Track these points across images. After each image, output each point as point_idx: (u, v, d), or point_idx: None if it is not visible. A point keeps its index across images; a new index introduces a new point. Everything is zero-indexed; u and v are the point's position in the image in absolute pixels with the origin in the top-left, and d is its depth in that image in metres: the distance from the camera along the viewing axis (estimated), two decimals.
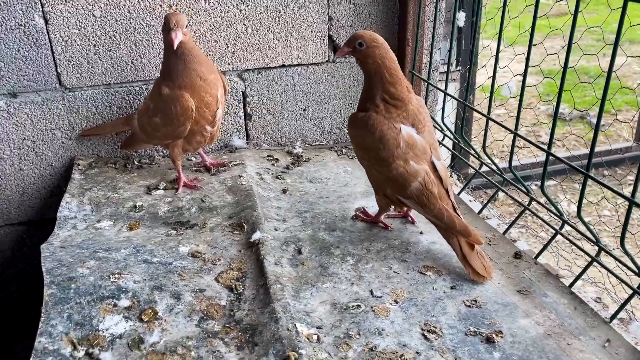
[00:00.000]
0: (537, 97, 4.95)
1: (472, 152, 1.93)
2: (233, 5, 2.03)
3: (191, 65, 1.72)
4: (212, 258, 1.54)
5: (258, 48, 2.13)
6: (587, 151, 1.30)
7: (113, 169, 2.04)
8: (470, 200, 2.10)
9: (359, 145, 1.59)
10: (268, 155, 2.19)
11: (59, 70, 1.94)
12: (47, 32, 1.87)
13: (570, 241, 1.54)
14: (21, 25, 1.83)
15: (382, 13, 2.21)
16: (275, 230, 1.68)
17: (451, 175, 2.44)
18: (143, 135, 1.88)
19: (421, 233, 1.69)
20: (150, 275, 1.43)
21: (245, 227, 1.67)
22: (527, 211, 1.71)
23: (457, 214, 1.50)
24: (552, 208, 1.57)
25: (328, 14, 2.16)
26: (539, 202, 1.63)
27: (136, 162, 2.09)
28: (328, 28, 2.18)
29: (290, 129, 2.31)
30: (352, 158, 2.23)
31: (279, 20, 2.10)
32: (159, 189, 1.90)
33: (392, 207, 1.68)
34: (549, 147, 1.54)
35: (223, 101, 1.86)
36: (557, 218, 1.58)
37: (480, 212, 1.86)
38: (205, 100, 1.77)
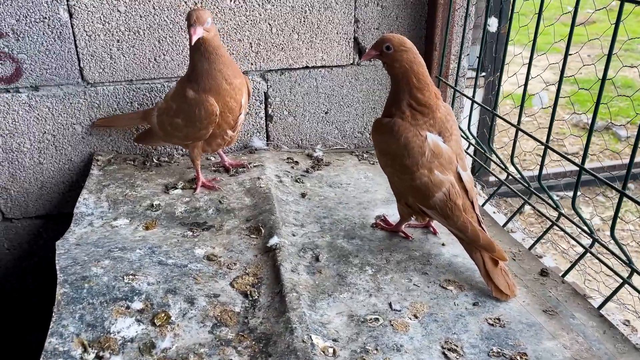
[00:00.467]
0: (565, 106, 4.84)
1: (499, 162, 1.87)
2: (258, 4, 2.00)
3: (216, 65, 1.69)
4: (228, 262, 1.51)
5: (282, 48, 2.09)
6: (613, 162, 1.24)
7: (132, 166, 2.02)
8: (494, 212, 2.04)
9: (382, 152, 1.55)
10: (288, 158, 2.16)
11: (81, 65, 1.92)
12: (71, 26, 1.86)
13: (601, 261, 1.48)
14: (45, 18, 1.82)
15: (409, 16, 2.16)
16: (293, 235, 1.64)
17: (475, 185, 2.38)
18: (162, 133, 1.85)
19: (443, 245, 1.63)
20: (164, 277, 1.40)
21: (263, 231, 1.63)
22: (555, 226, 1.65)
23: (482, 227, 1.44)
24: (582, 224, 1.51)
25: (355, 15, 2.11)
26: (568, 218, 1.57)
27: (155, 160, 2.07)
28: (354, 30, 2.14)
29: (311, 131, 2.27)
30: (373, 163, 2.18)
31: (304, 21, 2.07)
32: (177, 188, 1.87)
33: (414, 216, 1.63)
34: (583, 162, 1.48)
35: (246, 106, 1.84)
36: (586, 235, 1.52)
37: (505, 225, 1.80)
38: (230, 105, 1.74)
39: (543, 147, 1.64)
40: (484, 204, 1.93)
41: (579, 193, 1.54)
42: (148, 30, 1.93)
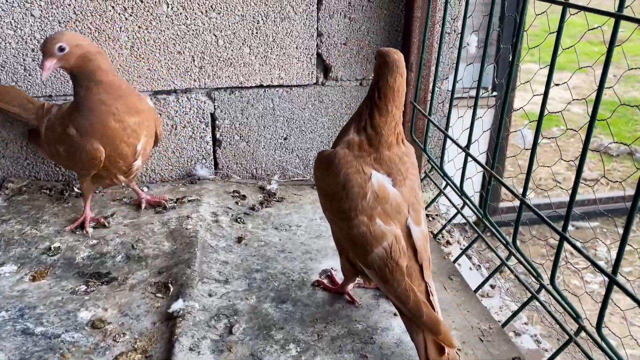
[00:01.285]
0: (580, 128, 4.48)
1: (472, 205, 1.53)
2: (202, 12, 1.70)
3: (99, 96, 1.37)
4: (117, 331, 1.20)
5: (231, 64, 1.79)
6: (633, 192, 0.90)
7: (46, 196, 1.73)
8: (471, 267, 1.70)
9: (321, 191, 1.28)
10: (234, 191, 1.85)
11: None
12: None
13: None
14: None
15: (382, 31, 1.84)
16: (210, 296, 1.32)
17: (465, 231, 2.05)
18: (47, 148, 1.56)
19: (395, 315, 1.31)
20: (21, 353, 1.10)
21: (172, 289, 1.32)
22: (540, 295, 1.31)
23: (430, 300, 1.12)
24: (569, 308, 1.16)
25: (317, 28, 1.81)
26: (551, 294, 1.22)
27: (76, 189, 1.77)
28: (317, 45, 1.83)
29: (267, 159, 1.96)
30: None
31: (256, 33, 1.77)
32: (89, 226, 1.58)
33: (359, 276, 1.30)
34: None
35: (148, 150, 1.53)
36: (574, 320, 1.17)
37: (478, 289, 1.46)
38: (120, 150, 1.43)
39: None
40: (457, 258, 1.59)
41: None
42: None
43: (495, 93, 3.28)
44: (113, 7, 1.64)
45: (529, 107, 1.45)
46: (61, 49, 1.30)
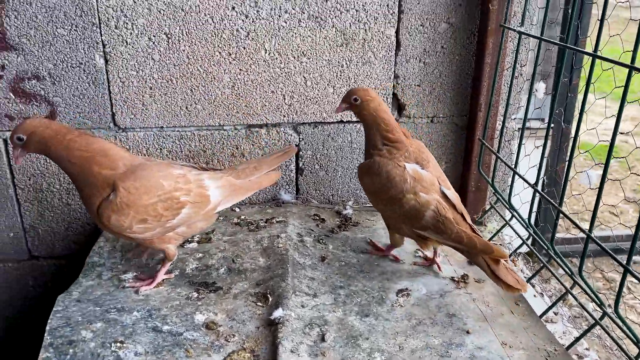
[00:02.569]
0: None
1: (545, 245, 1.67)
2: (294, 57, 1.94)
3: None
4: (227, 333, 1.41)
5: (316, 102, 2.02)
6: None
7: None
8: (535, 295, 1.83)
9: (369, 191, 1.68)
10: (315, 214, 2.05)
11: (114, 110, 1.93)
12: (106, 72, 1.88)
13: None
14: (81, 64, 1.85)
15: (454, 74, 2.03)
16: (302, 307, 1.52)
17: (528, 261, 2.18)
18: None
19: (468, 333, 1.46)
20: (154, 347, 1.32)
21: (270, 299, 1.53)
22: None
23: (477, 234, 1.54)
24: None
25: (394, 71, 2.01)
26: (613, 321, 1.35)
27: None
28: (393, 86, 2.03)
29: (343, 187, 2.17)
30: None
31: (340, 75, 1.99)
32: (193, 241, 1.81)
33: (419, 248, 1.77)
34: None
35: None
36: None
37: (543, 315, 1.59)
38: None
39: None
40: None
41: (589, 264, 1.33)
42: (181, 79, 1.92)
43: (552, 125, 3.38)
44: (220, 52, 1.90)
45: (586, 137, 1.57)
46: (19, 139, 1.40)
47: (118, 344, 1.30)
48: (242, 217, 1.96)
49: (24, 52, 1.81)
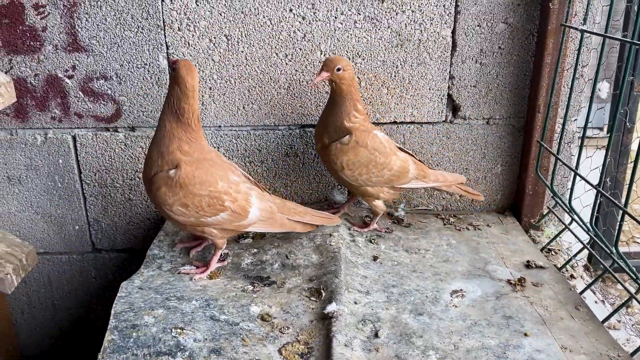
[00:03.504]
0: None
1: (607, 248, 1.61)
2: (349, 58, 1.96)
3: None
4: (282, 325, 1.43)
5: (370, 102, 2.03)
6: None
7: None
8: (596, 301, 1.76)
9: (355, 165, 1.77)
10: (366, 216, 2.06)
11: None
12: (169, 73, 1.95)
13: None
14: (146, 64, 1.94)
15: (511, 75, 1.99)
16: (355, 303, 1.52)
17: (588, 267, 2.10)
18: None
19: (525, 335, 1.43)
20: (212, 334, 1.36)
21: (323, 294, 1.54)
22: None
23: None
24: None
25: (450, 72, 2.00)
26: None
27: None
28: (448, 87, 2.02)
29: None
30: (459, 230, 2.01)
31: (394, 76, 1.99)
32: (247, 236, 1.85)
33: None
34: None
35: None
36: None
37: (605, 320, 1.54)
38: None
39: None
40: (584, 290, 1.67)
41: None
42: (239, 79, 1.98)
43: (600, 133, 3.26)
44: (277, 54, 1.95)
45: None
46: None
47: (178, 330, 1.34)
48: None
49: (93, 53, 1.92)
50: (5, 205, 2.11)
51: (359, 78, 1.99)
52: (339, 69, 1.69)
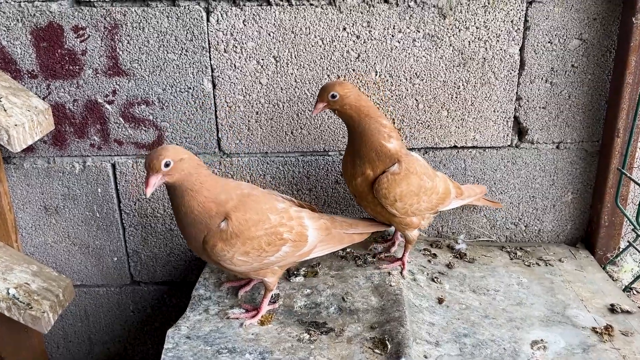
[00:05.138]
0: None
1: None
2: (406, 79, 1.81)
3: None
4: None
5: (428, 126, 1.87)
6: None
7: None
8: None
9: (407, 196, 1.56)
10: (424, 249, 1.89)
11: (219, 135, 1.88)
12: (214, 97, 1.83)
13: None
14: (190, 88, 1.82)
15: (585, 95, 1.81)
16: (425, 357, 1.36)
17: None
18: None
19: None
20: None
21: (389, 346, 1.38)
22: None
23: None
24: None
25: (517, 92, 1.83)
26: None
27: None
28: (515, 108, 1.85)
29: (454, 217, 1.99)
30: (528, 265, 1.83)
31: (456, 97, 1.83)
32: (298, 274, 1.71)
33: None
34: None
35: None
36: None
37: None
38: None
39: None
40: None
41: None
42: (287, 103, 1.84)
43: None
44: (328, 75, 1.81)
45: None
46: (166, 165, 1.29)
47: None
48: (348, 249, 1.83)
49: (134, 77, 1.81)
50: (42, 236, 2.02)
51: (416, 100, 1.84)
52: (333, 96, 1.51)
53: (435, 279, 1.72)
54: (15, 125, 1.58)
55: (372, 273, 1.70)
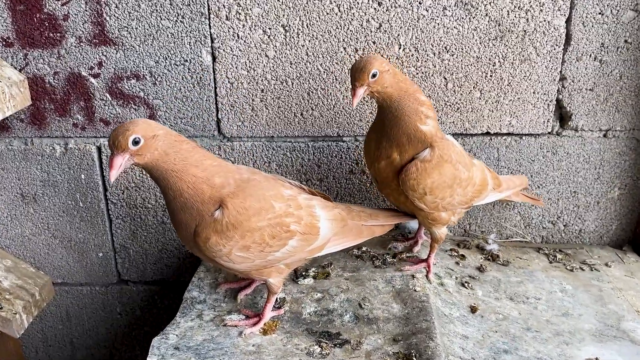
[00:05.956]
0: None
1: None
2: (434, 54, 1.58)
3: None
4: None
5: (457, 109, 1.64)
6: None
7: None
8: None
9: (438, 188, 1.33)
10: (451, 249, 1.66)
11: (219, 116, 1.66)
12: (213, 71, 1.61)
13: None
14: (186, 61, 1.59)
15: (639, 76, 1.58)
16: None
17: None
18: None
19: None
20: None
21: None
22: None
23: None
24: None
25: (561, 71, 1.59)
26: None
27: None
28: (558, 90, 1.61)
29: (484, 214, 1.76)
30: (571, 270, 1.59)
31: (490, 76, 1.60)
32: (307, 276, 1.48)
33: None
34: None
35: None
36: None
37: None
38: None
39: None
40: None
41: None
42: (297, 80, 1.61)
43: None
44: (345, 48, 1.58)
45: None
46: (135, 142, 1.07)
47: None
48: (364, 248, 1.60)
49: (123, 46, 1.58)
50: (19, 227, 1.79)
51: (445, 78, 1.61)
52: (374, 75, 1.25)
53: (466, 284, 1.49)
54: None
55: (393, 276, 1.47)
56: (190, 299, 1.38)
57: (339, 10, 1.54)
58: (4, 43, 1.58)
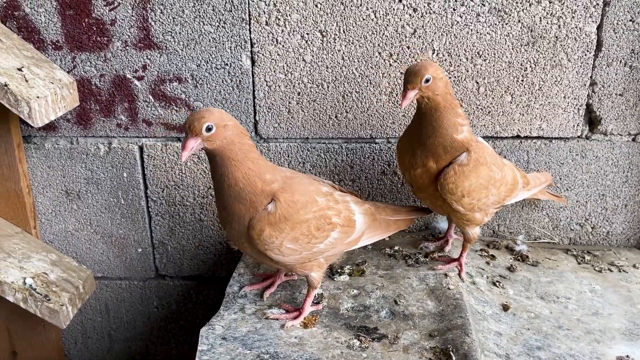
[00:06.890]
0: None
1: None
2: (467, 59, 1.62)
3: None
4: None
5: (489, 112, 1.68)
6: None
7: None
8: None
9: (475, 190, 1.38)
10: (481, 249, 1.70)
11: (257, 118, 1.72)
12: (252, 75, 1.67)
13: None
14: (227, 64, 1.65)
15: None
16: None
17: None
18: None
19: None
20: None
21: (454, 358, 1.19)
22: None
23: None
24: None
25: (591, 76, 1.63)
26: None
27: None
28: (588, 94, 1.65)
29: (512, 216, 1.80)
30: (599, 271, 1.63)
31: (521, 81, 1.64)
32: (343, 273, 1.53)
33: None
34: None
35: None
36: None
37: None
38: None
39: None
40: None
41: None
42: (333, 83, 1.67)
43: None
44: (380, 52, 1.63)
45: None
46: (208, 129, 1.14)
47: None
48: (396, 247, 1.65)
49: (167, 51, 1.65)
50: (62, 222, 1.87)
51: (477, 82, 1.65)
52: (427, 80, 1.28)
53: (497, 283, 1.53)
54: (37, 97, 1.43)
55: (426, 274, 1.51)
56: (232, 293, 1.44)
57: (375, 17, 1.59)
58: (53, 46, 1.66)
